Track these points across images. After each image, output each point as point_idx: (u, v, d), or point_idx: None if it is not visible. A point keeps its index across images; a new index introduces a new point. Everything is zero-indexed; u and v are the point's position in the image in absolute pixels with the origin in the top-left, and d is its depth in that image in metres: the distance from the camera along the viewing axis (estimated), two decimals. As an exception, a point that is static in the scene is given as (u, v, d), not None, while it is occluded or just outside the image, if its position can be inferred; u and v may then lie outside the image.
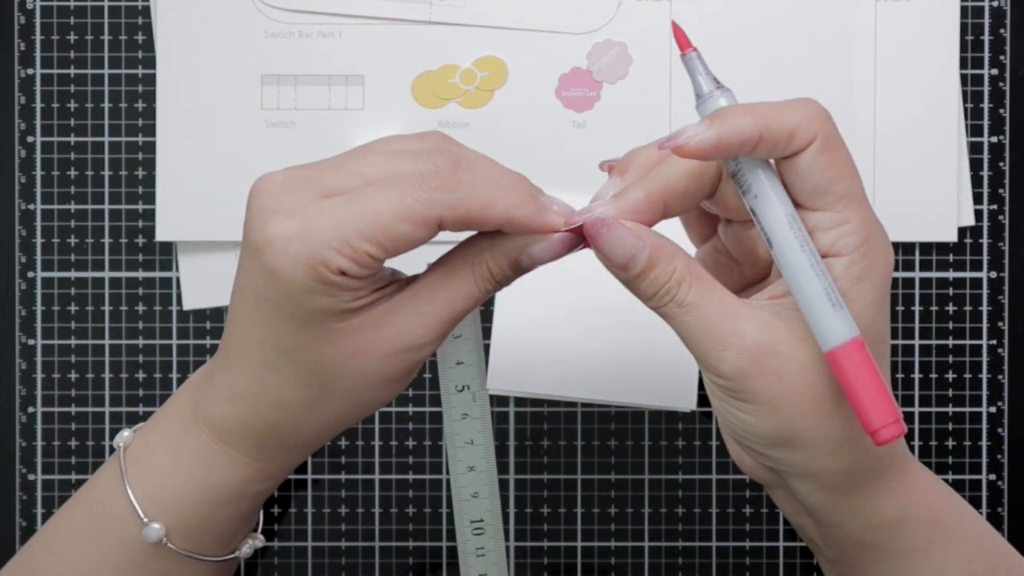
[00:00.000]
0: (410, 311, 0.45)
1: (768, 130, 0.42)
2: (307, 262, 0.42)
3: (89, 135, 0.62)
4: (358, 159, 0.44)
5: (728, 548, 0.62)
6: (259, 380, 0.46)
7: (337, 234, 0.42)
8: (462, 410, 0.61)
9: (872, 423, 0.41)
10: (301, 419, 0.47)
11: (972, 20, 0.62)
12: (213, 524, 0.51)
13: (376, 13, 0.61)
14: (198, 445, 0.49)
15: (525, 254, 0.45)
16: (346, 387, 0.46)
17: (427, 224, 0.43)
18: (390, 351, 0.45)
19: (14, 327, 0.62)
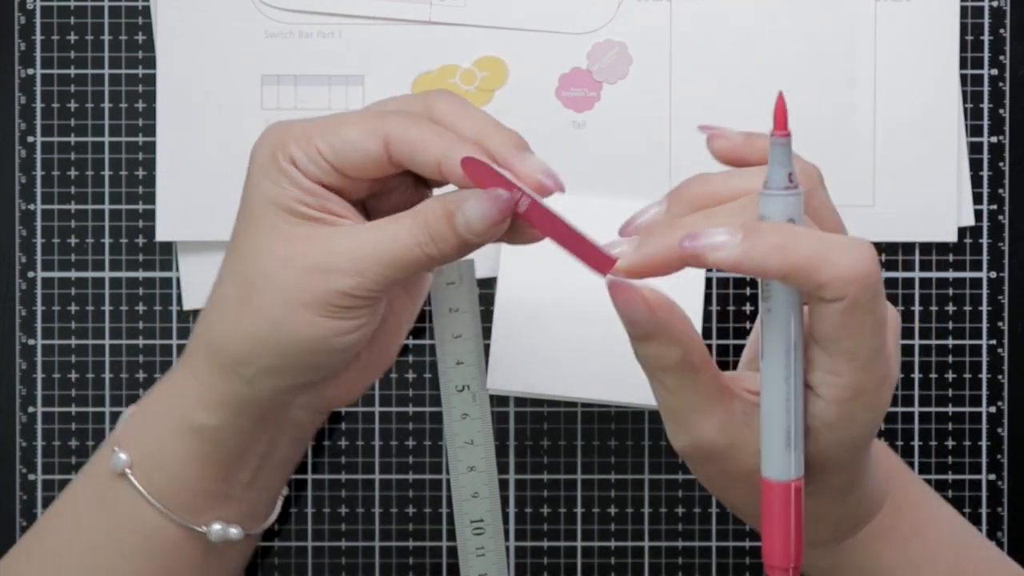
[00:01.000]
0: (343, 236, 0.46)
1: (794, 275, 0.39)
2: (269, 144, 0.46)
3: (89, 135, 0.62)
4: None
5: (728, 548, 0.62)
6: (216, 280, 0.49)
7: (302, 127, 0.46)
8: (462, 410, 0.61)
9: (772, 557, 0.42)
10: (228, 323, 0.47)
11: (972, 20, 0.62)
12: (166, 460, 0.50)
13: (376, 13, 0.61)
14: (170, 373, 0.51)
15: (460, 210, 0.44)
16: (265, 296, 0.46)
17: (375, 135, 0.45)
18: (308, 267, 0.45)
19: (14, 327, 0.62)
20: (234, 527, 0.52)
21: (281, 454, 0.53)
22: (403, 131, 0.45)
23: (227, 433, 0.50)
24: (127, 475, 0.50)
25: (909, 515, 0.48)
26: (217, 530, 0.52)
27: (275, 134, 0.46)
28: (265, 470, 0.52)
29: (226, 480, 0.51)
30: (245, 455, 0.51)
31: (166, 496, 0.50)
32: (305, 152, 0.45)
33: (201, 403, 0.49)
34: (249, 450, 0.51)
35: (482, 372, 0.60)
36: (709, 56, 0.62)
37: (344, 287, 0.45)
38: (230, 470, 0.51)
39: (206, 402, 0.49)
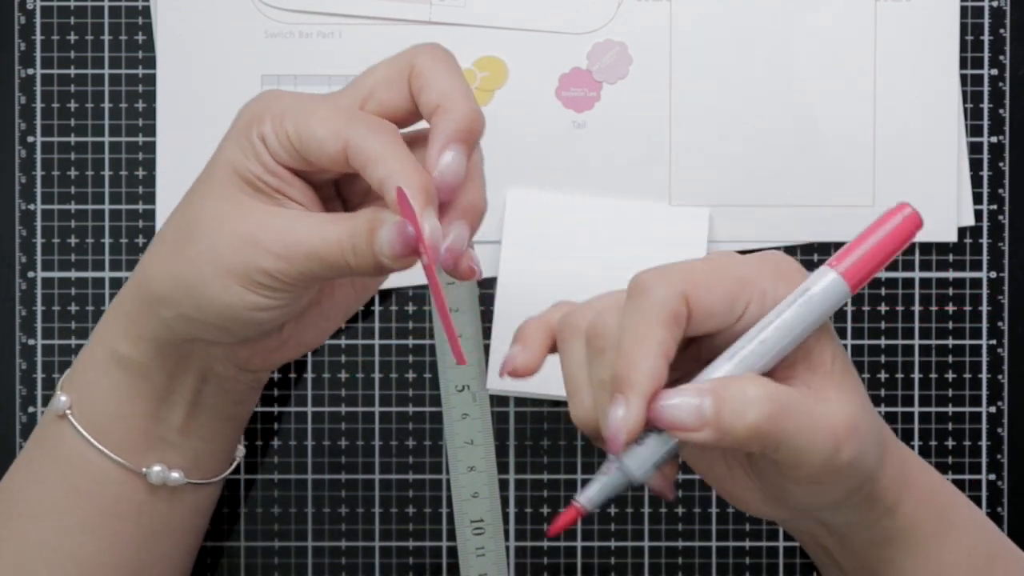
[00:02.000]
0: (282, 219, 0.46)
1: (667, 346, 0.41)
2: (249, 116, 0.47)
3: (89, 135, 0.62)
4: None
5: (728, 548, 0.62)
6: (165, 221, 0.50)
7: (281, 108, 0.46)
8: (462, 410, 0.61)
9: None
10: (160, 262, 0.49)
11: (972, 20, 0.62)
12: (98, 397, 0.51)
13: (376, 13, 0.61)
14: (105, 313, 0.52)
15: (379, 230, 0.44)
16: (197, 249, 0.47)
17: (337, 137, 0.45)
18: (239, 236, 0.46)
19: (14, 327, 0.62)
20: (175, 471, 0.53)
21: (210, 403, 0.53)
22: (362, 141, 0.45)
23: (150, 368, 0.51)
24: (67, 416, 0.52)
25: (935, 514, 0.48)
26: (157, 471, 0.52)
27: (259, 104, 0.47)
28: (200, 420, 0.53)
29: (157, 420, 0.52)
30: (172, 396, 0.52)
31: (105, 435, 0.51)
32: (275, 132, 0.46)
33: (125, 335, 0.50)
34: (175, 392, 0.52)
35: (482, 372, 0.60)
36: (709, 56, 0.62)
37: (268, 266, 0.46)
38: (159, 409, 0.52)
39: (128, 334, 0.50)
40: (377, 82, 0.47)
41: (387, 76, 0.47)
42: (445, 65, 0.47)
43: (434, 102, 0.46)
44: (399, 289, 0.62)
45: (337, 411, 0.62)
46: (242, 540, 0.62)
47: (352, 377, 0.62)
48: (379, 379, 0.62)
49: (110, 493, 0.52)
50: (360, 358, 0.62)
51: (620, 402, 0.41)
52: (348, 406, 0.62)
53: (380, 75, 0.48)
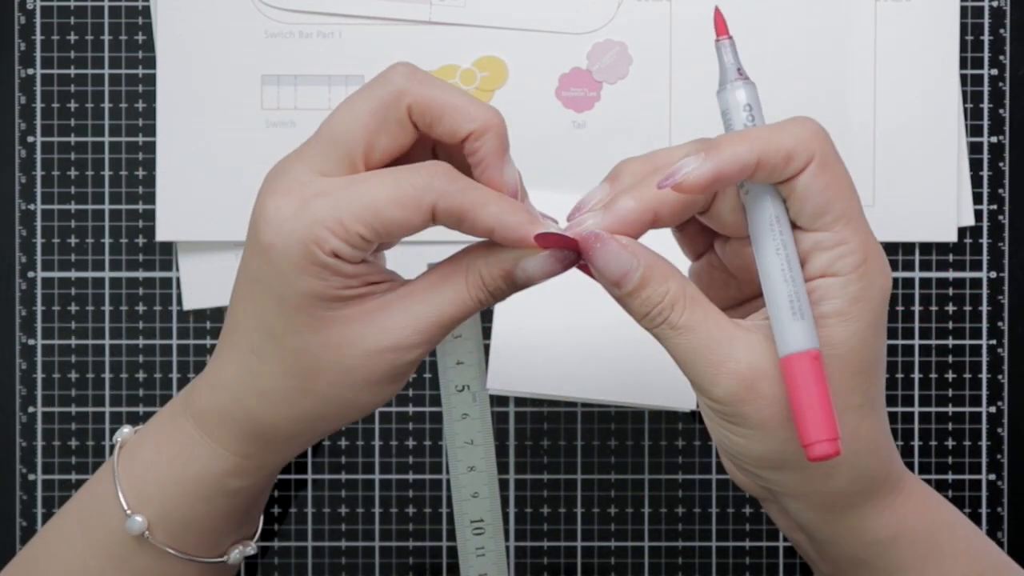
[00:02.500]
0: (399, 310, 0.45)
1: (765, 156, 0.42)
2: (300, 240, 0.43)
3: (89, 135, 0.62)
4: None
5: (728, 548, 0.62)
6: (244, 366, 0.46)
7: (332, 213, 0.43)
8: (462, 410, 0.61)
9: (808, 436, 0.41)
10: (281, 411, 0.46)
11: (972, 20, 0.62)
12: (193, 520, 0.50)
13: (376, 13, 0.61)
14: (182, 436, 0.49)
15: (519, 267, 0.45)
16: (328, 381, 0.45)
17: (419, 210, 0.43)
18: (374, 348, 0.45)
19: (14, 327, 0.62)
20: (249, 545, 0.54)
21: None
22: (450, 201, 0.43)
23: (260, 488, 0.51)
24: (147, 538, 0.50)
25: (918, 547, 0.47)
26: (236, 555, 0.53)
27: (295, 224, 0.43)
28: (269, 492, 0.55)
29: (247, 515, 0.53)
30: (264, 492, 0.53)
31: (190, 547, 0.51)
32: (347, 241, 0.43)
33: (240, 472, 0.49)
34: (268, 487, 0.53)
35: (482, 372, 0.60)
36: (709, 56, 0.61)
37: (414, 356, 0.46)
38: (253, 508, 0.53)
39: (245, 471, 0.49)
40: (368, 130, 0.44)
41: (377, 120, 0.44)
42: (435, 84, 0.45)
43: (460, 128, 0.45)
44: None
45: (337, 411, 0.62)
46: (242, 540, 0.62)
47: (352, 377, 0.62)
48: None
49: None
50: (360, 358, 0.62)
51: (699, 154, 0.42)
52: (348, 406, 0.62)
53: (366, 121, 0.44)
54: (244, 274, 0.45)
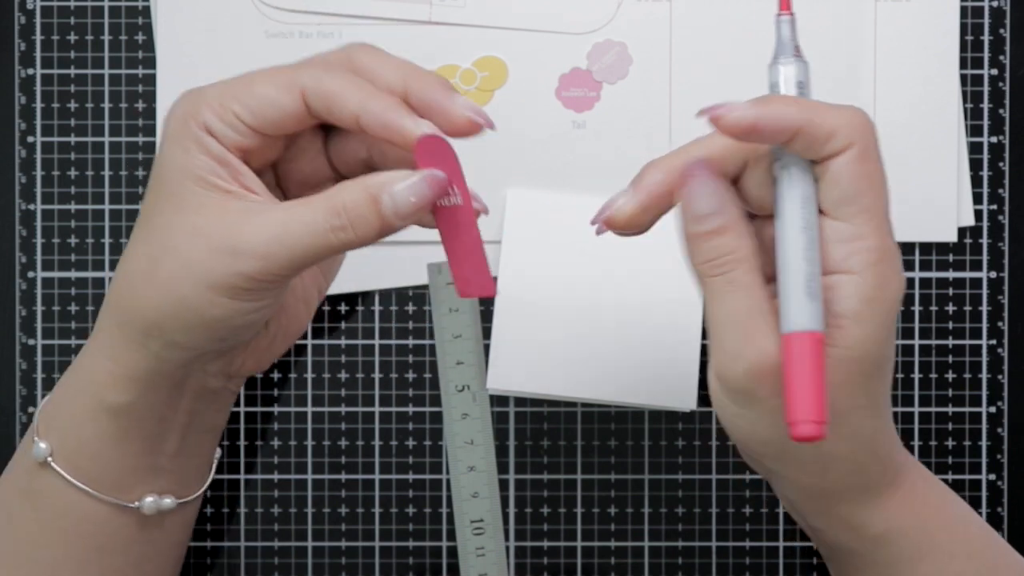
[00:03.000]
0: (253, 215, 0.44)
1: (809, 125, 0.42)
2: (181, 114, 0.45)
3: (89, 135, 0.62)
4: None
5: (728, 548, 0.62)
6: (125, 250, 0.47)
7: (215, 92, 0.45)
8: (462, 410, 0.61)
9: (795, 414, 0.41)
10: (136, 294, 0.46)
11: (972, 20, 0.62)
12: (85, 444, 0.49)
13: (376, 13, 0.61)
14: (82, 355, 0.49)
15: (386, 192, 0.43)
16: (171, 268, 0.45)
17: (291, 89, 0.44)
18: (215, 246, 0.44)
19: (14, 327, 0.62)
20: (167, 497, 0.51)
21: (203, 422, 0.52)
22: (318, 83, 0.44)
23: (142, 408, 0.49)
24: (49, 463, 0.49)
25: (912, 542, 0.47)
26: (150, 503, 0.51)
27: (187, 102, 0.46)
28: (190, 439, 0.52)
29: (150, 454, 0.50)
30: (165, 427, 0.50)
31: (92, 478, 0.49)
32: (220, 116, 0.45)
33: (112, 380, 0.48)
34: (168, 421, 0.50)
35: (482, 372, 0.60)
36: (709, 56, 0.62)
37: (250, 270, 0.44)
38: (152, 443, 0.50)
39: (116, 379, 0.48)
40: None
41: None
42: (384, 53, 0.46)
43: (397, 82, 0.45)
44: (399, 289, 0.62)
45: (337, 411, 0.62)
46: (242, 540, 0.62)
47: (352, 377, 0.62)
48: (379, 379, 0.62)
49: (101, 530, 0.50)
50: (360, 358, 0.62)
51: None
52: (348, 406, 0.62)
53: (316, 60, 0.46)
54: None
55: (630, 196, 0.43)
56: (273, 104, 0.45)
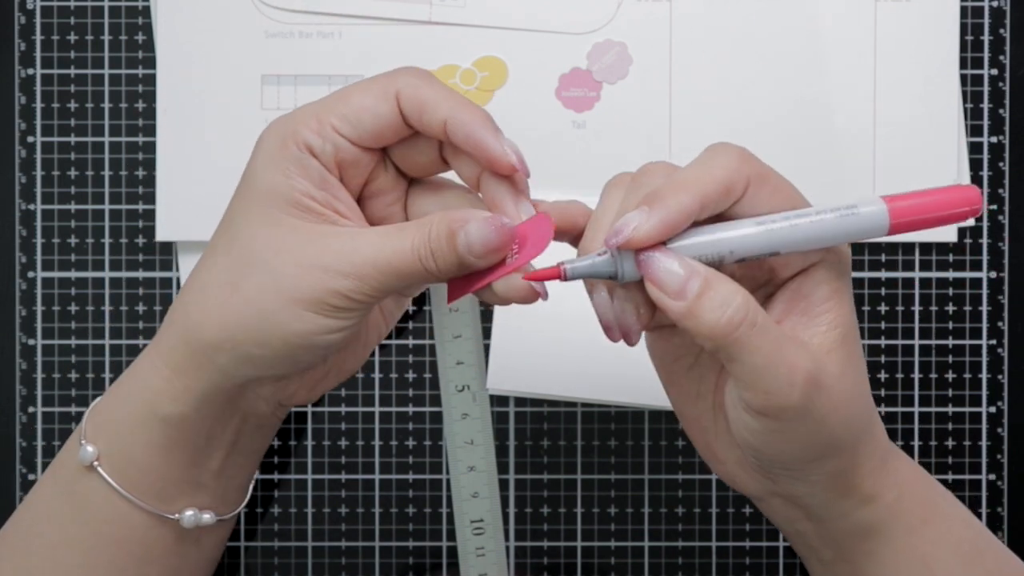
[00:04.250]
0: (345, 239, 0.45)
1: (706, 197, 0.42)
2: (280, 134, 0.46)
3: (89, 135, 0.62)
4: None
5: (728, 548, 0.62)
6: (199, 263, 0.48)
7: (312, 111, 0.46)
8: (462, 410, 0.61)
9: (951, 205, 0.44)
10: (210, 309, 0.46)
11: (972, 20, 0.62)
12: (133, 452, 0.49)
13: (376, 13, 0.61)
14: (138, 361, 0.50)
15: (463, 230, 0.44)
16: (257, 283, 0.45)
17: (386, 95, 0.45)
18: (306, 263, 0.45)
19: (14, 327, 0.62)
20: (207, 513, 0.52)
21: (246, 444, 0.52)
22: (414, 88, 0.45)
23: (194, 421, 0.49)
24: (95, 467, 0.50)
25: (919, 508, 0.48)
26: (189, 516, 0.51)
27: (284, 123, 0.46)
28: (233, 459, 0.52)
29: (194, 467, 0.51)
30: (212, 443, 0.51)
31: (136, 486, 0.50)
32: (319, 132, 0.45)
33: (169, 390, 0.48)
34: (216, 438, 0.51)
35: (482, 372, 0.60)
36: (709, 56, 0.62)
37: (341, 288, 0.45)
38: (198, 458, 0.51)
39: (174, 389, 0.48)
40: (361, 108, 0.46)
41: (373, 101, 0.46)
42: (431, 79, 0.46)
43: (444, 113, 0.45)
44: (399, 289, 0.62)
45: (337, 411, 0.62)
46: (242, 540, 0.62)
47: (352, 378, 0.62)
48: (379, 379, 0.62)
49: (139, 539, 0.51)
50: (360, 358, 0.62)
51: (643, 209, 0.42)
52: (348, 406, 0.62)
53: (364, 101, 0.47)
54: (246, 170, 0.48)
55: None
56: (371, 111, 0.45)
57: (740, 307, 0.42)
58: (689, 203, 0.42)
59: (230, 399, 0.49)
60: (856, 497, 0.47)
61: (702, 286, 0.42)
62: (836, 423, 0.44)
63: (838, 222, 0.43)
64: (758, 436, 0.45)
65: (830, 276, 0.45)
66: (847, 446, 0.45)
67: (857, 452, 0.46)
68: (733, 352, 0.42)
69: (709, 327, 0.42)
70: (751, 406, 0.44)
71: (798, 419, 0.44)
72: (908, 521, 0.47)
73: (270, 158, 0.46)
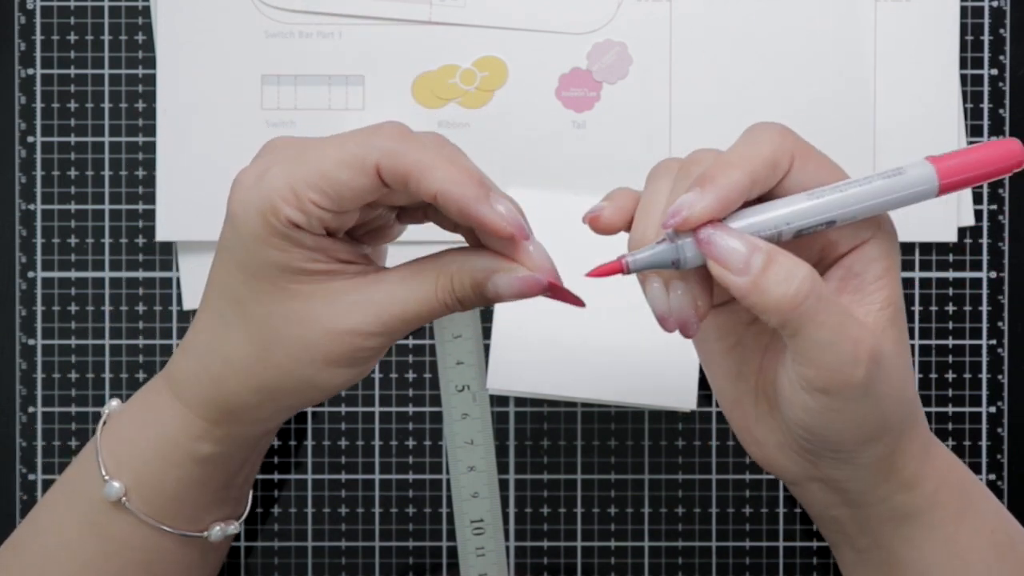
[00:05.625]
0: (364, 296, 0.45)
1: (756, 174, 0.42)
2: (258, 210, 0.44)
3: (89, 135, 0.62)
4: None
5: (728, 548, 0.62)
6: (213, 332, 0.47)
7: (285, 182, 0.44)
8: (462, 410, 0.61)
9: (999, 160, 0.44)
10: (242, 379, 0.47)
11: (972, 20, 0.62)
12: (167, 486, 0.50)
13: (376, 13, 0.61)
14: (158, 401, 0.50)
15: (491, 281, 0.45)
16: (287, 354, 0.46)
17: (365, 170, 0.43)
18: (333, 329, 0.45)
19: (14, 327, 0.62)
20: (231, 524, 0.53)
21: (263, 450, 0.55)
22: (393, 160, 0.43)
23: (231, 457, 0.51)
24: (124, 503, 0.50)
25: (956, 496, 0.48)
26: (217, 531, 0.53)
27: (260, 198, 0.44)
28: (252, 468, 0.54)
29: (224, 490, 0.53)
30: (242, 469, 0.53)
31: (166, 516, 0.51)
32: (300, 208, 0.44)
33: (208, 438, 0.49)
34: (248, 463, 0.53)
35: (482, 372, 0.60)
36: (709, 56, 0.62)
37: (372, 344, 0.46)
38: (230, 483, 0.53)
39: (214, 439, 0.49)
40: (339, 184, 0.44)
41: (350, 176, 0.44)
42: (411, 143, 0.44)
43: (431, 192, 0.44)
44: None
45: (337, 411, 0.62)
46: (242, 540, 0.62)
47: (352, 377, 0.62)
48: (379, 379, 0.62)
49: (167, 560, 0.51)
50: (360, 358, 0.62)
51: (696, 190, 0.42)
52: (348, 406, 0.62)
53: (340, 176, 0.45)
54: (220, 241, 0.47)
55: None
56: (348, 186, 0.44)
57: (805, 279, 0.42)
58: (740, 179, 0.42)
59: (267, 432, 0.52)
60: (897, 481, 0.47)
61: (765, 260, 0.42)
62: (891, 403, 0.44)
63: (889, 184, 0.43)
64: (815, 416, 0.44)
65: (882, 253, 0.45)
66: (896, 428, 0.45)
67: (903, 435, 0.46)
68: (799, 326, 0.42)
69: (776, 300, 0.42)
70: (812, 384, 0.43)
71: (858, 397, 0.43)
72: (946, 509, 0.47)
73: (257, 236, 0.44)
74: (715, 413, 0.62)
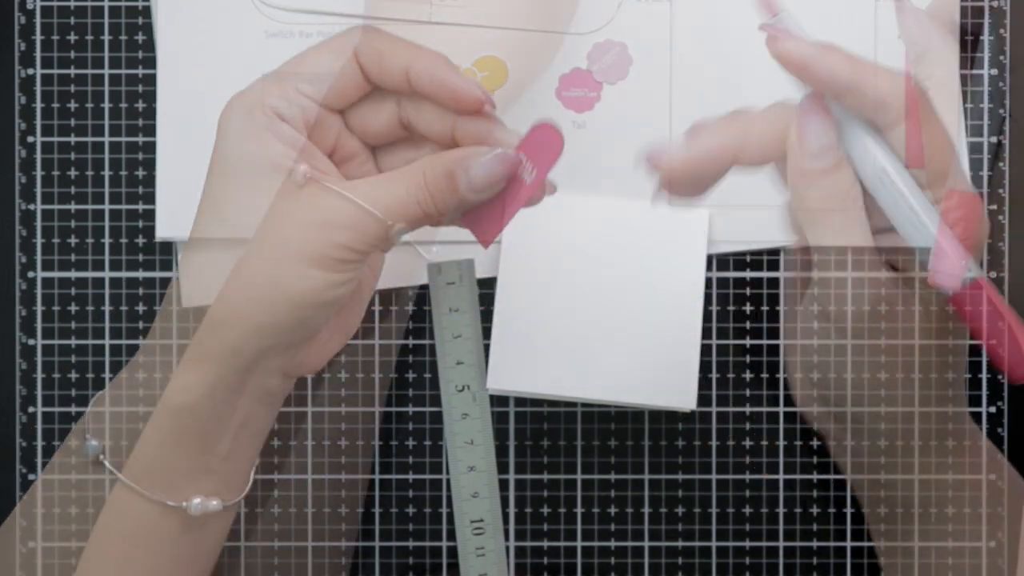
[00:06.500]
0: (337, 195, 0.47)
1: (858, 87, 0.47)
2: (243, 106, 0.48)
3: (89, 135, 0.62)
4: None
5: (728, 548, 0.62)
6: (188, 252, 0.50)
7: (271, 79, 0.48)
8: (462, 410, 0.61)
9: None
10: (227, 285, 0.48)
11: (972, 20, 0.62)
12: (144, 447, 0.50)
13: (376, 13, 0.61)
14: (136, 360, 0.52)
15: (462, 168, 0.46)
16: (261, 253, 0.47)
17: (343, 51, 0.47)
18: (309, 220, 0.46)
19: (14, 327, 0.62)
20: (214, 499, 0.52)
21: (254, 423, 0.53)
22: (370, 42, 0.47)
23: (203, 408, 0.50)
24: (101, 461, 0.50)
25: None
26: (197, 504, 0.51)
27: (245, 96, 0.48)
28: (240, 440, 0.52)
29: (204, 454, 0.51)
30: (222, 428, 0.51)
31: (144, 478, 0.50)
32: (283, 97, 0.47)
33: (177, 383, 0.49)
34: (226, 422, 0.51)
35: (482, 372, 0.60)
36: (709, 56, 0.62)
37: (343, 239, 0.46)
38: (207, 444, 0.51)
39: (183, 381, 0.49)
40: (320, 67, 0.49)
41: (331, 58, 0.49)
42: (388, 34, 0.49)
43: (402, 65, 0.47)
44: (399, 289, 0.62)
45: (337, 411, 0.62)
46: (242, 540, 0.62)
47: (352, 377, 0.62)
48: (379, 379, 0.62)
49: (144, 530, 0.51)
50: (360, 358, 0.62)
51: None
52: (348, 406, 0.62)
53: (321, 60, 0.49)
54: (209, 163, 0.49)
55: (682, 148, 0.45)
56: (329, 68, 0.47)
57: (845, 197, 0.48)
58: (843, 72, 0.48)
59: (240, 379, 0.50)
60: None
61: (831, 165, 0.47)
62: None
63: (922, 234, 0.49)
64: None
65: None
66: None
67: None
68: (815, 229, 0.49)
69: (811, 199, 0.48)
70: None
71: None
72: None
73: (240, 131, 0.47)
74: (715, 413, 0.62)
